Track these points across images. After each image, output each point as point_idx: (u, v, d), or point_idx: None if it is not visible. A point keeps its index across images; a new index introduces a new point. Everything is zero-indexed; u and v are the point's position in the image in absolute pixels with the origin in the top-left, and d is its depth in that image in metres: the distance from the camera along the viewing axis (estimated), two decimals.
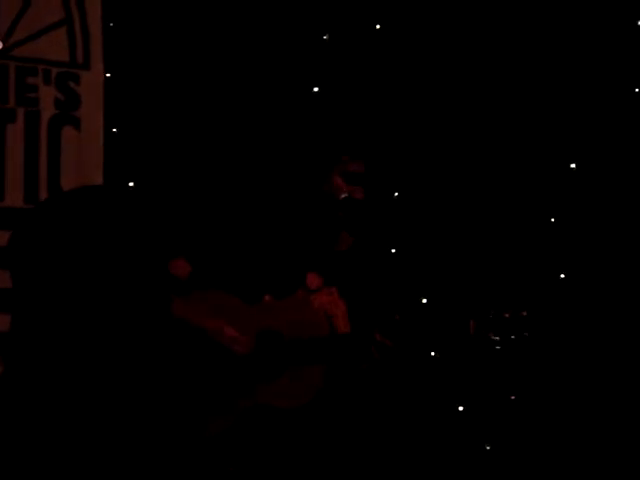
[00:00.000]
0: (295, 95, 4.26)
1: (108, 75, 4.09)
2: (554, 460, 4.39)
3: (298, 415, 3.04)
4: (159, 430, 2.94)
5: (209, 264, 3.15)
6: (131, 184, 4.07)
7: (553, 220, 4.52)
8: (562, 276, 4.46)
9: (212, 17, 4.28)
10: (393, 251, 4.35)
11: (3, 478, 2.54)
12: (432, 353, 4.30)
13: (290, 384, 3.03)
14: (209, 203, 4.05)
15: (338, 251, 3.28)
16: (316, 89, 4.33)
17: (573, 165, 4.54)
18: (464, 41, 4.54)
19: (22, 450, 2.50)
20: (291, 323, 3.06)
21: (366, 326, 3.07)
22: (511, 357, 4.34)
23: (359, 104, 4.39)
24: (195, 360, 3.07)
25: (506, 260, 4.45)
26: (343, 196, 3.18)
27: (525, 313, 2.98)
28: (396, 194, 4.48)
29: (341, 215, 3.20)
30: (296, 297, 3.11)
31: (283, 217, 3.27)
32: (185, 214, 3.97)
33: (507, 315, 2.98)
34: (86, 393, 2.67)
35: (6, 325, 3.46)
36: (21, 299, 2.52)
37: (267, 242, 3.21)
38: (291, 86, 4.29)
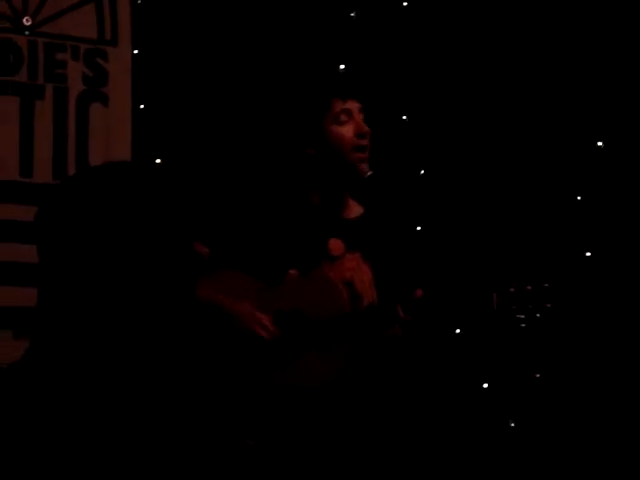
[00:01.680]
0: (322, 73, 4.26)
1: (136, 52, 4.10)
2: (578, 436, 4.39)
3: (318, 393, 3.04)
4: (180, 413, 2.95)
5: (227, 244, 3.12)
6: (158, 160, 4.09)
7: (579, 198, 4.51)
8: (588, 254, 4.45)
9: None
10: (419, 228, 4.35)
11: (20, 456, 2.55)
12: (457, 330, 4.30)
13: (312, 363, 3.02)
14: (229, 181, 4.05)
15: (351, 219, 3.23)
16: (343, 66, 4.33)
17: (600, 143, 4.53)
18: (494, 19, 4.53)
19: (47, 422, 2.51)
20: (312, 301, 3.04)
21: (389, 301, 3.05)
22: (536, 335, 4.34)
23: (386, 82, 4.39)
24: (217, 341, 3.07)
25: (532, 239, 4.44)
26: (369, 173, 3.12)
27: (547, 285, 2.96)
28: (422, 172, 4.48)
29: (362, 168, 3.11)
30: (318, 273, 3.08)
31: (295, 187, 3.22)
32: (207, 193, 3.98)
33: (529, 287, 2.96)
34: (112, 370, 2.67)
35: (33, 300, 3.52)
36: (48, 274, 2.53)
37: (283, 216, 3.17)
38: (318, 63, 4.29)
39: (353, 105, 3.09)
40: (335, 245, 3.13)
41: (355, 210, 3.24)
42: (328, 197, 3.17)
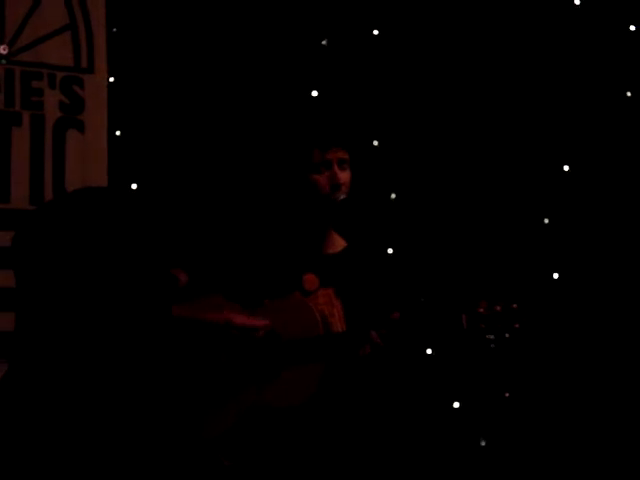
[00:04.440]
0: (294, 99, 4.30)
1: (112, 79, 4.13)
2: (549, 456, 4.42)
3: (293, 414, 3.06)
4: (157, 431, 2.97)
5: (206, 271, 3.16)
6: (134, 186, 4.11)
7: (547, 221, 4.56)
8: (555, 276, 4.49)
9: (213, 23, 4.32)
10: (390, 251, 4.37)
11: (3, 478, 2.58)
12: (428, 351, 4.32)
13: (287, 384, 3.06)
14: (206, 208, 4.08)
15: (331, 254, 3.30)
16: (315, 93, 4.37)
17: (566, 167, 4.58)
18: (459, 46, 4.59)
19: (23, 449, 2.54)
20: (287, 323, 3.08)
21: (362, 325, 3.09)
22: (505, 355, 4.36)
23: (357, 108, 4.42)
24: (194, 361, 3.09)
25: (500, 262, 4.48)
26: (342, 197, 3.17)
27: (516, 306, 2.99)
28: (393, 196, 4.51)
29: (330, 216, 3.18)
30: (293, 298, 3.13)
31: (275, 220, 3.28)
32: (184, 219, 4.00)
33: (499, 309, 2.99)
34: (89, 392, 2.71)
35: (10, 324, 3.51)
36: (24, 298, 2.57)
37: (261, 247, 3.22)
38: (290, 90, 4.33)
39: (333, 155, 3.17)
40: (310, 280, 3.19)
41: (337, 245, 3.31)
42: (309, 232, 3.24)
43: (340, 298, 3.16)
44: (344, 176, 3.18)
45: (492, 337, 3.03)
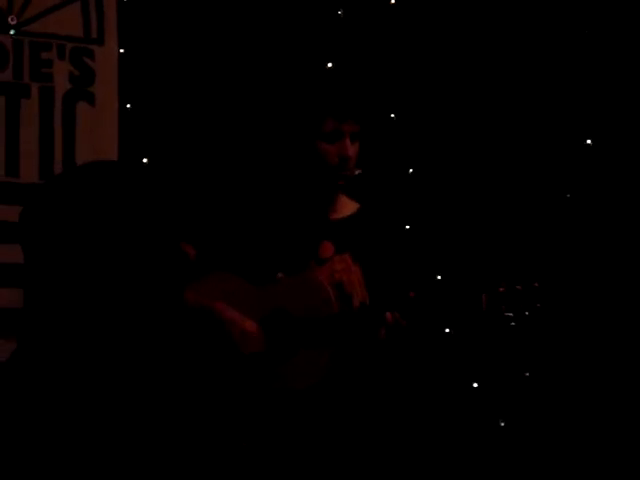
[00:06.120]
0: (309, 71, 4.26)
1: (122, 51, 4.09)
2: (567, 435, 4.40)
3: (308, 394, 3.04)
4: (170, 418, 2.94)
5: (215, 246, 3.15)
6: (145, 160, 4.08)
7: (569, 196, 4.52)
8: (577, 251, 4.46)
9: None
10: (407, 227, 4.35)
11: (9, 464, 2.53)
12: (446, 330, 4.30)
13: (302, 364, 3.03)
14: (217, 181, 4.06)
15: (340, 219, 3.25)
16: (330, 65, 4.33)
17: (589, 141, 4.54)
18: (480, 19, 4.53)
19: (33, 430, 2.49)
20: (300, 302, 3.05)
21: (379, 301, 3.06)
22: (525, 334, 4.35)
23: (374, 80, 4.39)
24: (207, 344, 3.07)
25: (521, 235, 4.45)
26: (357, 172, 3.15)
27: (537, 284, 2.96)
28: (411, 170, 4.49)
29: (341, 183, 3.16)
30: (306, 274, 3.10)
31: (282, 189, 3.26)
32: (194, 194, 3.98)
33: (519, 287, 2.96)
34: (97, 371, 2.67)
35: (18, 301, 3.49)
36: (33, 274, 2.52)
37: (271, 219, 3.20)
38: (305, 62, 4.29)
39: (347, 128, 3.12)
40: (324, 247, 3.15)
41: (348, 208, 3.27)
42: (318, 198, 3.20)
43: (358, 262, 3.13)
44: (354, 149, 3.15)
45: (511, 315, 2.99)
